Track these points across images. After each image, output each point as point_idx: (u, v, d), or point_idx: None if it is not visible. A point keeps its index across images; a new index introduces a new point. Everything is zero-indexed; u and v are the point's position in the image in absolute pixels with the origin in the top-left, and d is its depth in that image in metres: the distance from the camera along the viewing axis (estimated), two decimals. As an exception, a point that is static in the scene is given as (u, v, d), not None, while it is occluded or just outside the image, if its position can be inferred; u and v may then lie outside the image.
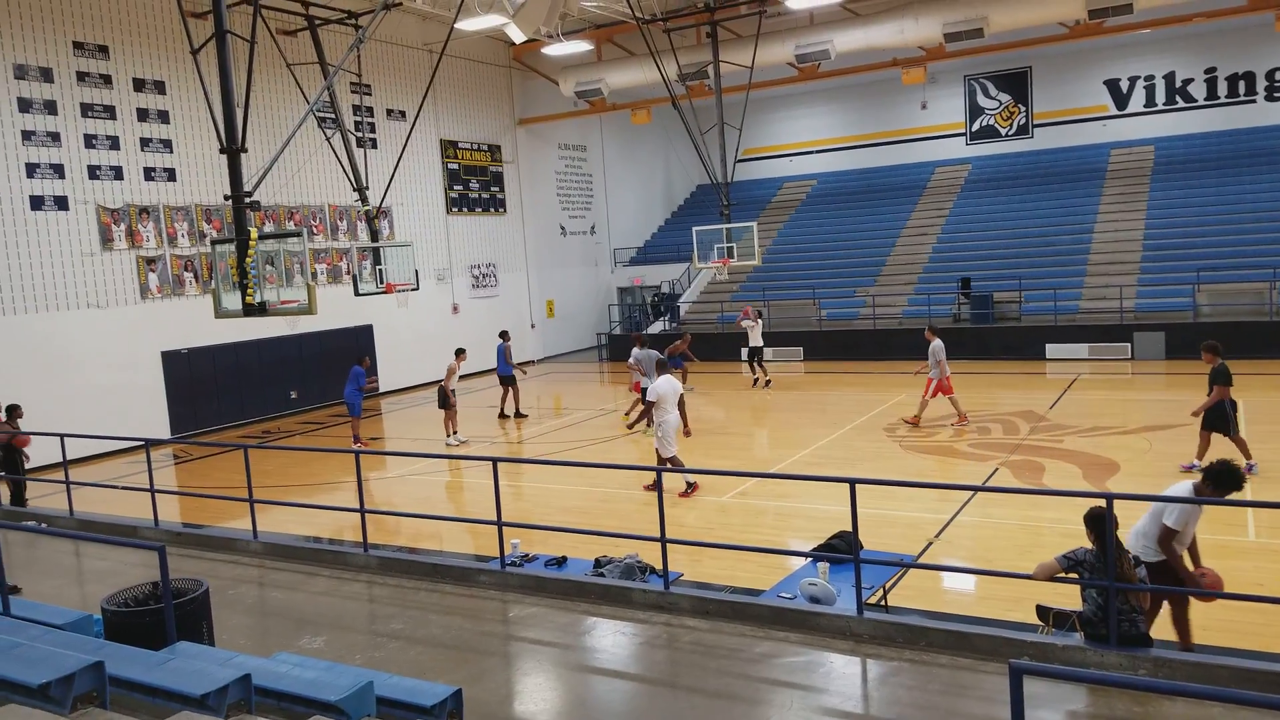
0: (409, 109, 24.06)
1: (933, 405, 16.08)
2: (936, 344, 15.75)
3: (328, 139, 18.84)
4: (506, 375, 19.04)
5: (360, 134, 22.31)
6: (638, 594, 7.83)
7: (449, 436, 17.28)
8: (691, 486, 12.43)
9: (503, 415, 19.28)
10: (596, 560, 8.97)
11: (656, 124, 31.32)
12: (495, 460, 8.78)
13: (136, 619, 6.01)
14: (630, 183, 34.56)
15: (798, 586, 7.84)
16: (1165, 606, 6.62)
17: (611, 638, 7.30)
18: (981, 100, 32.09)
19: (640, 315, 32.04)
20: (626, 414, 17.30)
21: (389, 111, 24.18)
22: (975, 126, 32.35)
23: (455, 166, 26.41)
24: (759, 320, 21.92)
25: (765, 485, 12.55)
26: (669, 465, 12.04)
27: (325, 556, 9.65)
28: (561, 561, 9.36)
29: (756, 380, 21.48)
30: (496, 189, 28.05)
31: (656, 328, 29.40)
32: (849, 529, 7.32)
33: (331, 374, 22.49)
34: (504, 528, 8.66)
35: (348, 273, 22.48)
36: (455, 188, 26.41)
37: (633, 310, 32.77)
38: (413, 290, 18.70)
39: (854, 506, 7.09)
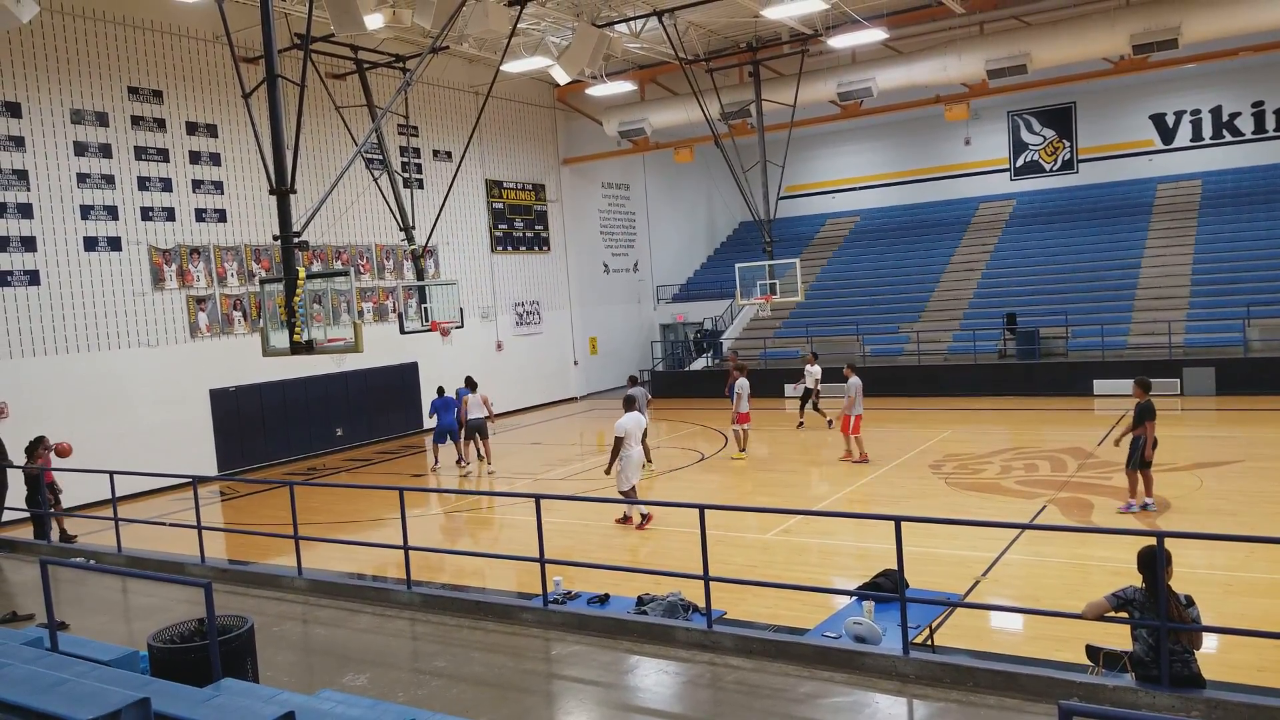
0: (455, 149, 24.52)
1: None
2: (853, 381, 16.46)
3: (375, 180, 19.26)
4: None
5: (407, 174, 22.77)
6: (680, 632, 7.76)
7: (489, 464, 17.86)
8: (645, 518, 13.04)
9: (462, 461, 18.44)
10: (639, 598, 8.91)
11: (699, 162, 31.56)
12: (539, 496, 8.80)
13: (182, 655, 6.07)
14: (673, 220, 34.80)
15: (843, 625, 7.73)
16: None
17: (654, 676, 7.23)
18: (1025, 136, 31.91)
19: (683, 352, 32.07)
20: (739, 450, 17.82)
21: (435, 152, 24.66)
22: (1019, 162, 32.15)
23: (500, 206, 26.81)
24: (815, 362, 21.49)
25: (809, 523, 12.43)
26: (626, 497, 12.65)
27: (369, 593, 9.70)
28: (604, 599, 9.29)
29: (801, 424, 21.14)
30: (540, 227, 28.39)
31: (700, 364, 29.37)
32: (894, 567, 7.22)
33: (378, 411, 22.81)
34: (546, 565, 8.65)
35: (394, 311, 22.82)
36: (500, 226, 26.79)
37: (675, 347, 32.82)
38: (457, 328, 18.91)
39: (899, 544, 7.01)
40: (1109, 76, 23.98)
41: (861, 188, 34.99)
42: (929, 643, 7.78)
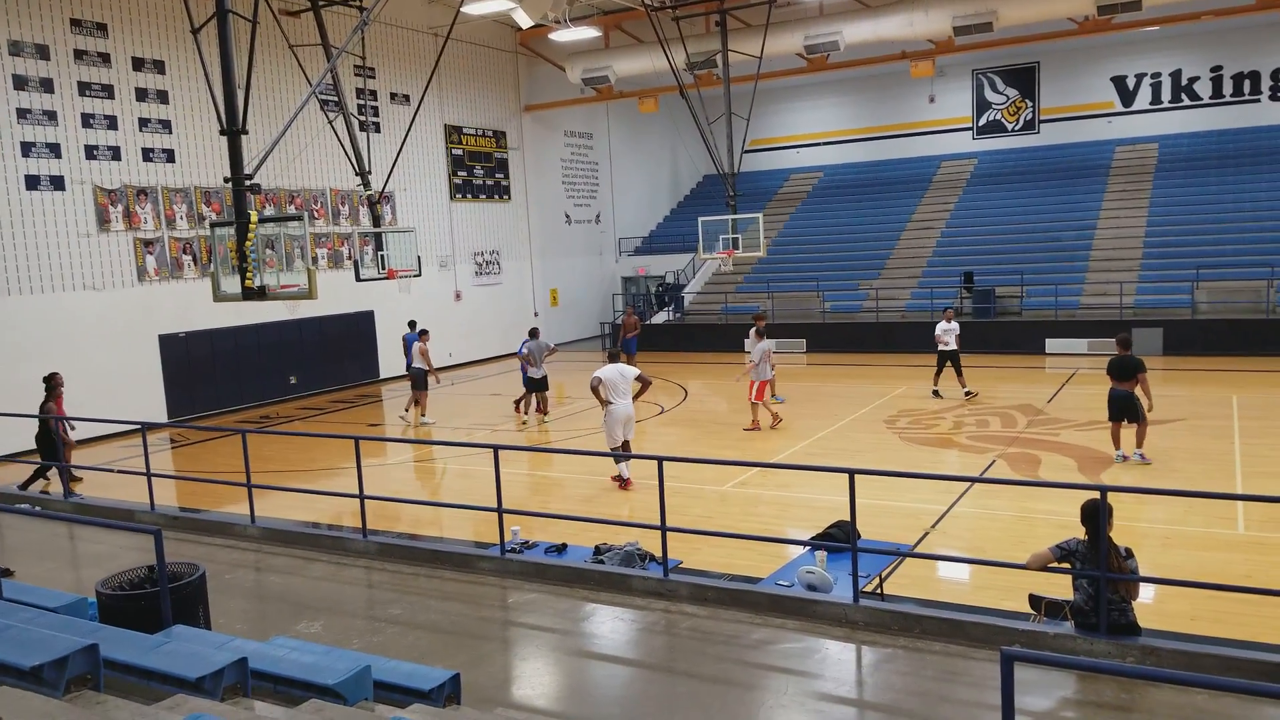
0: (413, 93, 23.99)
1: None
2: (764, 344, 15.79)
3: (330, 122, 18.77)
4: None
5: (363, 118, 22.26)
6: (637, 581, 7.85)
7: (423, 417, 17.76)
8: (627, 481, 12.39)
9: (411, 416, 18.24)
10: (596, 548, 8.98)
11: (664, 113, 31.23)
12: (497, 447, 8.78)
13: (131, 603, 5.99)
14: (636, 172, 34.50)
15: (795, 575, 7.87)
16: None
17: (610, 624, 7.32)
18: (989, 95, 31.99)
19: (645, 305, 32.02)
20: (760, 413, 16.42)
21: (393, 95, 24.11)
22: (982, 121, 32.26)
23: (459, 152, 26.36)
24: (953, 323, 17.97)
25: (766, 475, 12.57)
26: (620, 452, 12.13)
27: (324, 542, 9.66)
28: (562, 548, 9.36)
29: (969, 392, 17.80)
30: (501, 175, 27.99)
31: (661, 317, 29.38)
32: (847, 518, 7.34)
33: (333, 359, 22.53)
34: (504, 515, 8.66)
35: (349, 258, 22.46)
36: (459, 174, 26.36)
37: (637, 300, 32.76)
38: (415, 277, 18.66)
39: (852, 496, 7.11)
40: (1073, 37, 24.05)
41: (826, 143, 34.91)
42: (879, 591, 7.95)
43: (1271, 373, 18.78)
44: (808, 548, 8.84)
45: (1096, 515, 6.26)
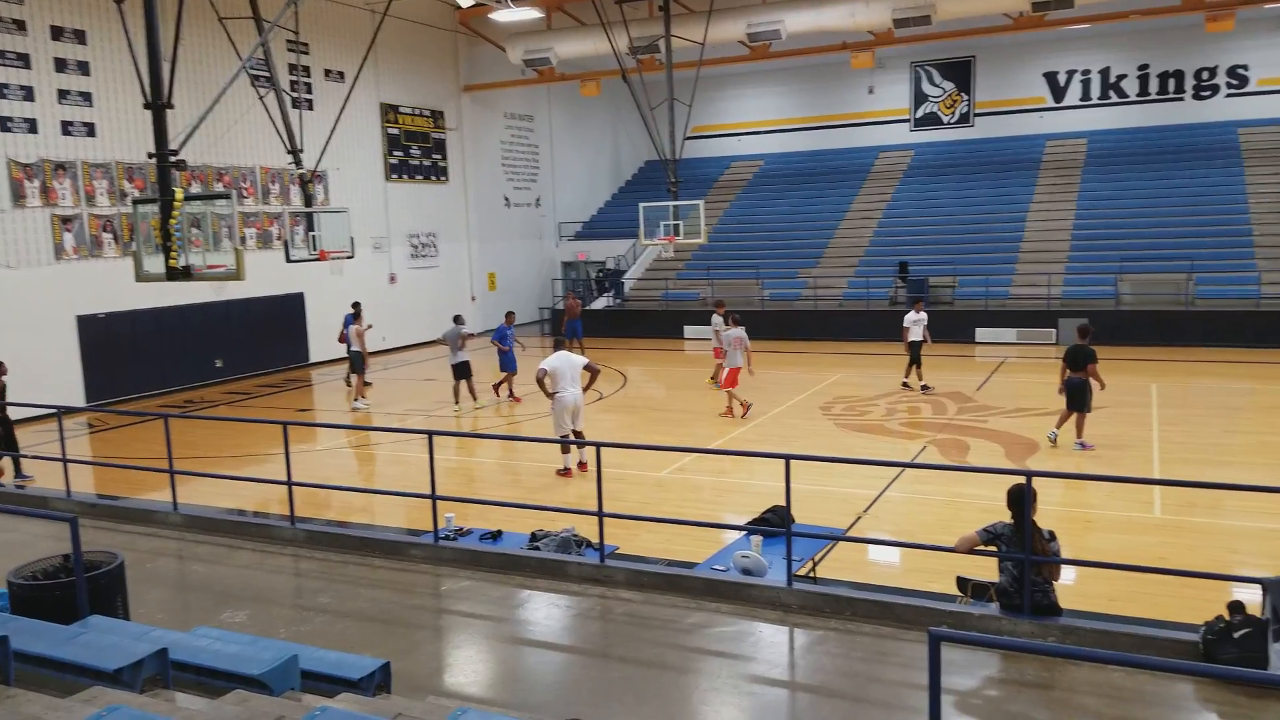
0: (348, 70, 23.45)
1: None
2: (734, 331, 15.80)
3: (260, 98, 18.25)
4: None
5: (296, 94, 21.68)
6: (573, 567, 7.82)
7: (356, 400, 17.59)
8: (567, 470, 12.28)
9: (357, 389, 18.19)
10: (533, 534, 8.92)
11: (605, 97, 31.05)
12: (431, 433, 8.66)
13: (45, 593, 5.78)
14: (577, 155, 34.27)
15: (731, 559, 7.92)
16: None
17: (545, 610, 7.28)
18: (926, 87, 32.48)
19: (585, 290, 31.88)
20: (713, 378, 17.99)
21: (327, 72, 23.54)
22: (919, 113, 32.74)
23: (396, 132, 25.87)
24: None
25: (703, 461, 12.63)
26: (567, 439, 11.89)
27: (249, 529, 9.44)
28: (497, 535, 9.27)
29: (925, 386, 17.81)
30: (438, 156, 27.56)
31: (601, 303, 29.30)
32: (783, 503, 7.40)
33: (261, 342, 21.99)
34: (438, 501, 8.55)
35: (279, 238, 21.92)
36: (395, 153, 25.89)
37: (577, 285, 32.60)
38: (348, 258, 18.28)
39: (788, 482, 7.18)
40: (1007, 32, 24.52)
41: (767, 131, 35.10)
42: (812, 575, 8.04)
43: (1189, 362, 19.47)
44: (743, 532, 8.91)
45: (1022, 499, 6.42)
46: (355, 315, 18.16)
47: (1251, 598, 6.14)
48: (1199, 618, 6.14)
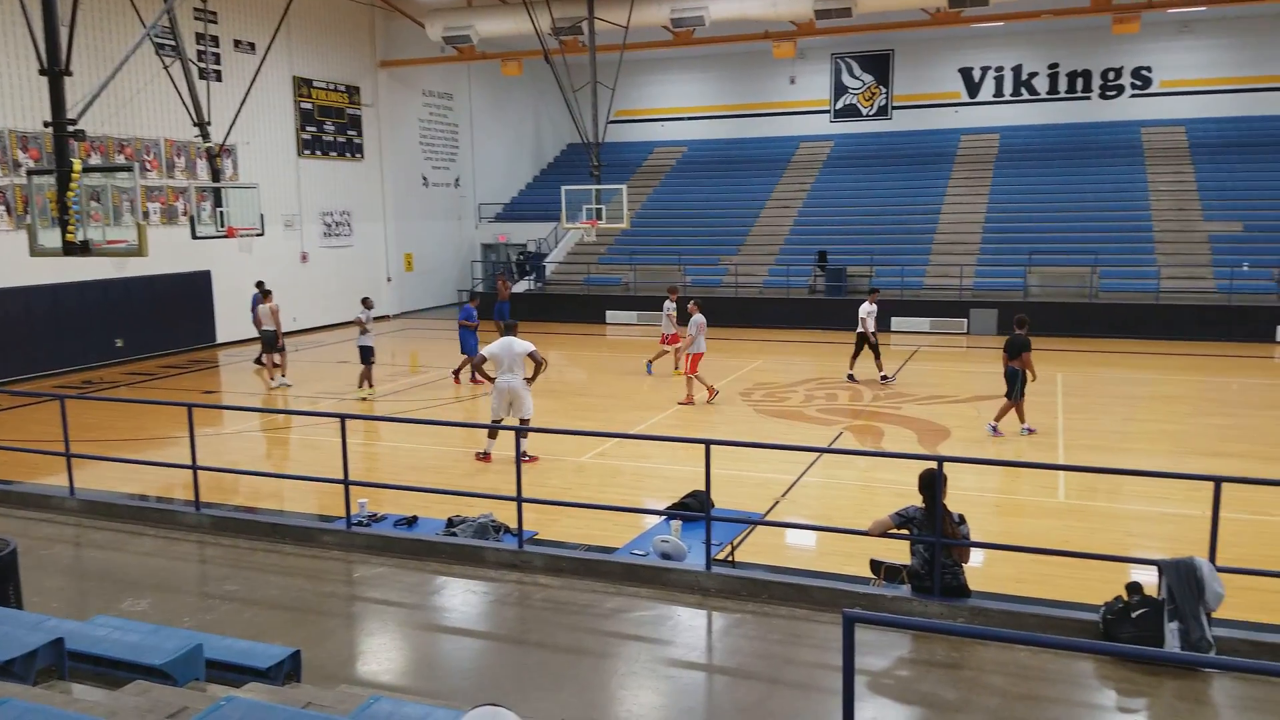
0: (259, 41, 22.64)
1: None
2: (697, 318, 15.83)
3: (166, 67, 17.48)
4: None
5: (203, 65, 20.83)
6: (490, 553, 7.73)
7: (275, 379, 17.27)
8: (487, 456, 12.12)
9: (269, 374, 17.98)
10: (449, 520, 8.79)
11: (528, 77, 30.67)
12: (344, 416, 8.44)
13: (-71, 580, 5.47)
14: (498, 136, 33.80)
15: (650, 544, 7.93)
16: None
17: (462, 596, 7.18)
18: (846, 79, 32.95)
19: (505, 273, 31.51)
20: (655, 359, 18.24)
21: (237, 43, 22.69)
22: (839, 105, 33.22)
23: (309, 106, 25.11)
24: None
25: (623, 446, 12.62)
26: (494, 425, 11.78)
27: (152, 515, 9.09)
28: (412, 521, 9.12)
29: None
30: (354, 133, 26.85)
31: (522, 287, 29.02)
32: (703, 488, 7.43)
33: (165, 322, 21.16)
34: (351, 486, 8.35)
35: (184, 213, 21.07)
36: (308, 129, 25.13)
37: (497, 268, 32.21)
38: (257, 235, 17.69)
39: (708, 467, 7.21)
40: (925, 27, 25.00)
41: (690, 118, 35.19)
42: (730, 559, 8.11)
43: (1092, 353, 20.26)
44: (663, 517, 8.93)
45: (933, 484, 6.57)
46: (263, 294, 17.69)
47: (1148, 579, 6.41)
48: (1099, 598, 6.39)
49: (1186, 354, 19.81)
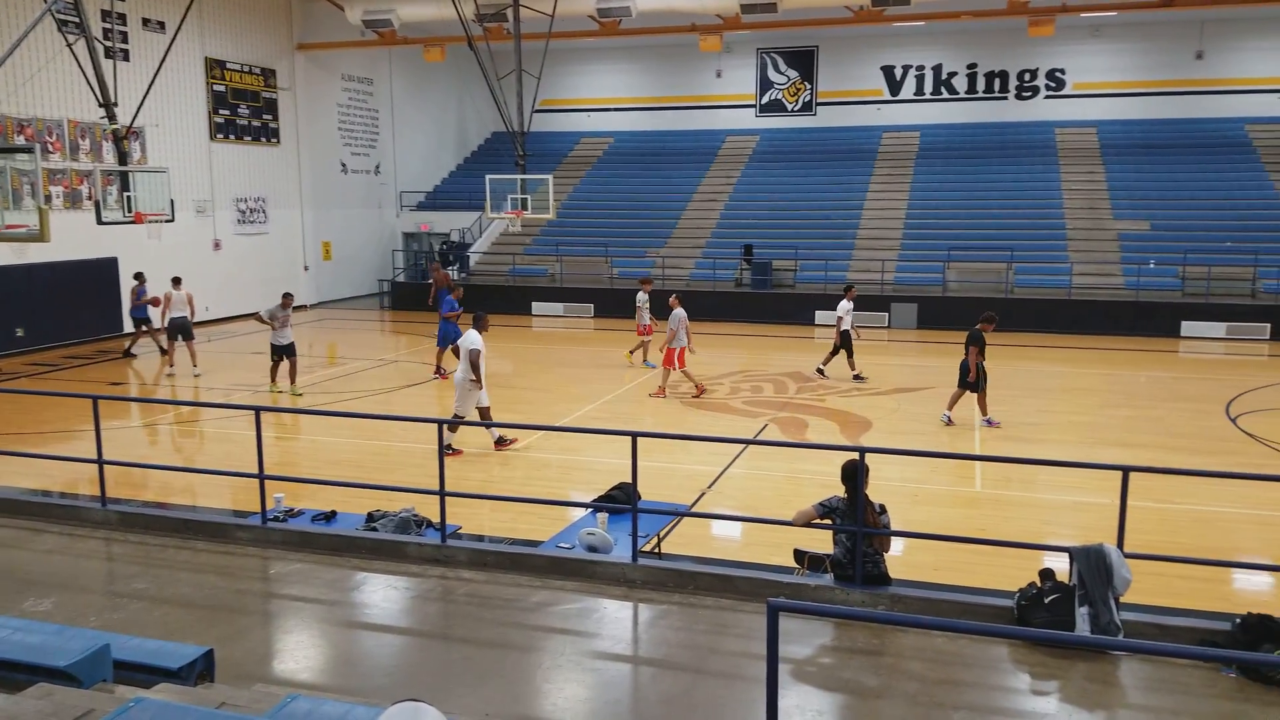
0: (169, 20, 21.81)
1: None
2: (678, 312, 15.74)
3: (69, 45, 16.69)
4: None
5: (109, 43, 19.96)
6: (412, 548, 7.59)
7: (194, 368, 16.98)
8: (455, 450, 11.87)
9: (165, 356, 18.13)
10: (369, 514, 8.61)
11: (451, 64, 30.17)
12: (258, 409, 8.18)
13: None
14: (420, 123, 33.20)
15: (576, 537, 7.89)
16: None
17: (383, 592, 7.04)
18: (772, 74, 33.25)
19: (427, 263, 31.01)
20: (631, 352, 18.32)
21: (145, 21, 21.79)
22: (765, 99, 33.51)
23: (222, 89, 24.28)
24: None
25: (550, 439, 12.53)
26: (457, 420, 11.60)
27: (55, 511, 8.71)
28: (330, 516, 8.93)
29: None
30: (269, 117, 26.07)
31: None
32: (629, 480, 7.41)
33: (69, 310, 20.25)
34: (266, 481, 8.10)
35: (89, 198, 20.18)
36: (221, 112, 24.30)
37: (419, 258, 31.68)
38: (167, 221, 17.04)
39: (634, 459, 7.19)
40: (849, 25, 25.37)
41: (616, 109, 35.09)
42: (657, 551, 8.11)
43: (1008, 346, 20.83)
44: (589, 510, 8.90)
45: (855, 474, 6.67)
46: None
47: (1060, 565, 6.61)
48: (1014, 585, 6.57)
49: (1096, 348, 20.56)
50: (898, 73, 32.10)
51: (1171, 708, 5.34)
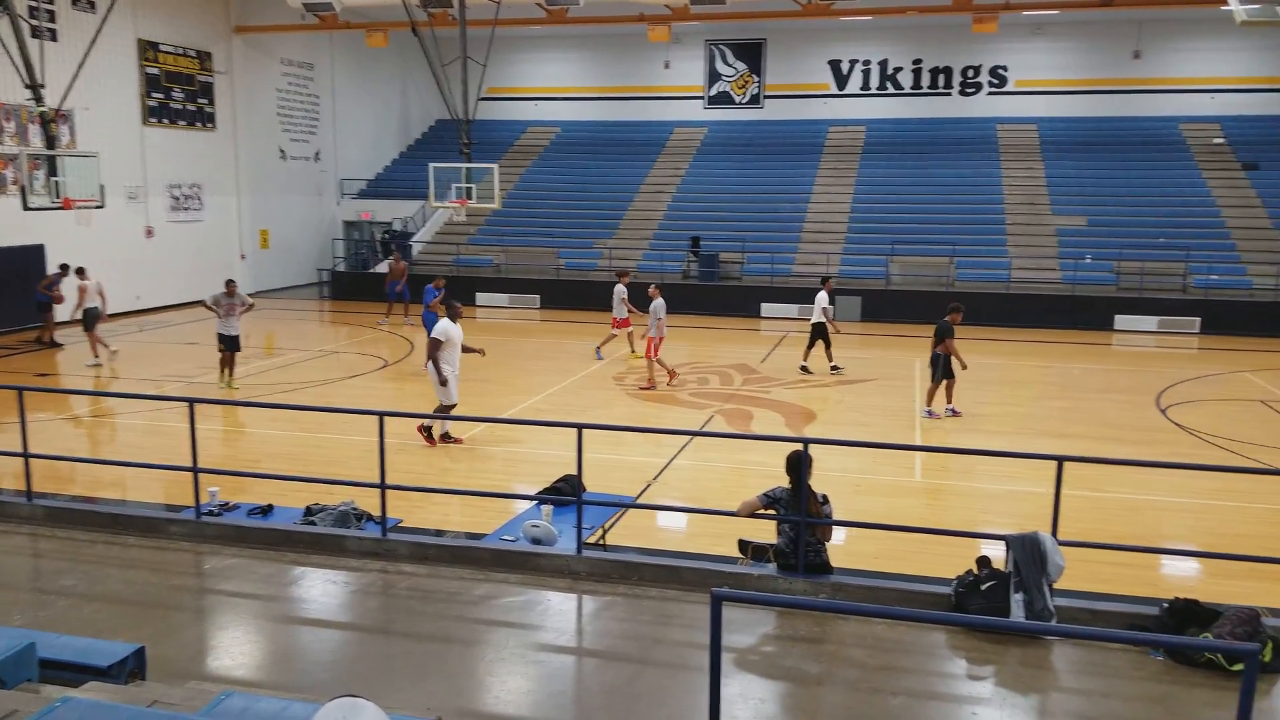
0: (100, -1, 21.11)
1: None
2: (658, 302, 15.86)
3: (-7, 22, 16.09)
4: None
5: (36, 22, 19.27)
6: (351, 541, 7.46)
7: (98, 356, 16.46)
8: (455, 439, 11.86)
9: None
10: (308, 508, 8.46)
11: (394, 49, 29.69)
12: (192, 400, 7.97)
13: None
14: (362, 109, 32.61)
15: (520, 529, 7.83)
16: None
17: (321, 587, 6.90)
18: (720, 66, 33.31)
19: (369, 252, 30.53)
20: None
21: (74, 0, 21.05)
22: (713, 91, 33.56)
23: (155, 71, 23.58)
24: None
25: (495, 430, 12.43)
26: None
27: (-24, 506, 8.36)
28: (267, 510, 8.76)
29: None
30: (205, 101, 25.40)
31: (386, 267, 28.17)
32: (575, 473, 7.37)
33: (-7, 296, 19.56)
34: (200, 474, 7.89)
35: (15, 183, 19.46)
36: (155, 95, 23.61)
37: (360, 247, 31.17)
38: (97, 208, 16.53)
39: (580, 451, 7.15)
40: (797, 18, 25.52)
41: (564, 98, 34.86)
42: (602, 542, 8.09)
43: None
44: (534, 502, 8.84)
45: (799, 465, 6.72)
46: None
47: (997, 553, 6.74)
48: (951, 572, 6.68)
49: (1033, 340, 21.02)
50: (844, 67, 32.39)
51: (1102, 690, 5.48)
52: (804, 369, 16.86)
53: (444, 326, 11.70)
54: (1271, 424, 13.38)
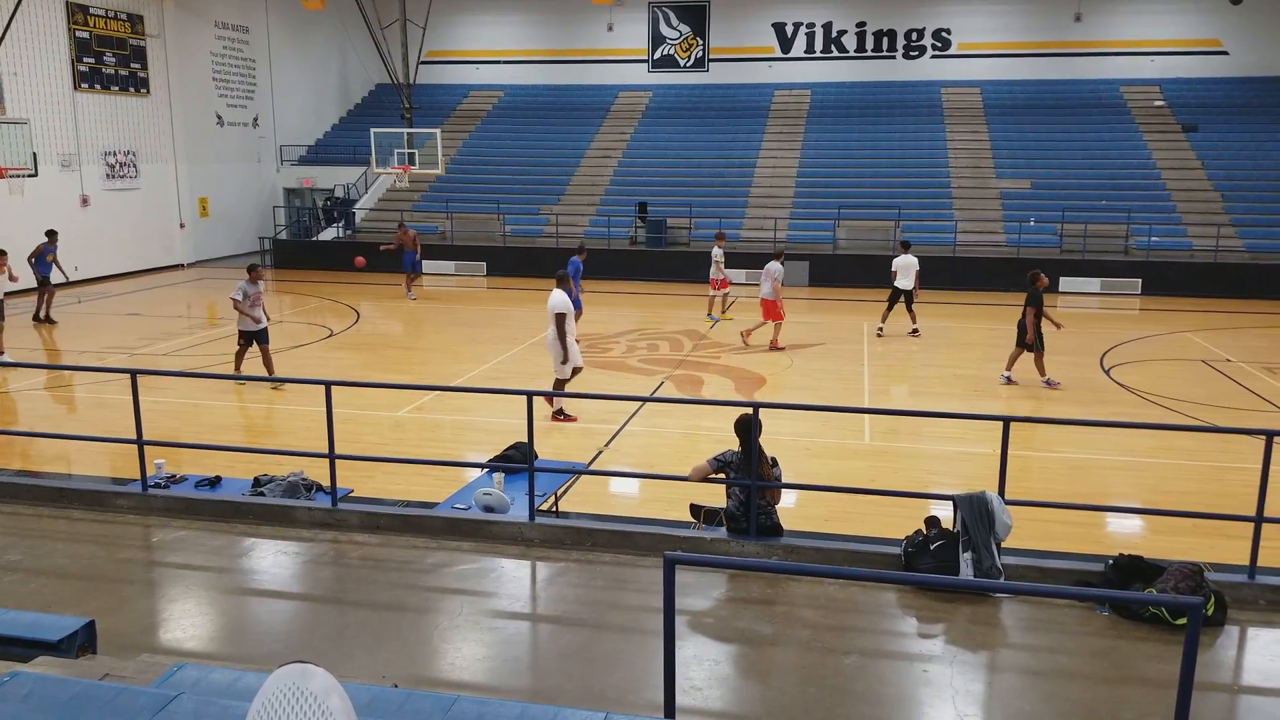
0: (23, -43, 20.18)
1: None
2: (774, 265, 16.03)
3: (-93, -20, 15.35)
4: (45, 277, 17.42)
5: (-46, -21, 18.41)
6: (302, 512, 7.39)
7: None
8: (569, 417, 11.47)
9: (38, 319, 17.62)
10: (256, 479, 8.35)
11: (332, 11, 28.93)
12: (134, 371, 7.78)
13: None
14: (301, 74, 31.76)
15: (472, 497, 7.83)
16: None
17: (272, 558, 6.84)
18: (664, 29, 33.03)
19: (311, 220, 29.92)
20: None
21: (-5, -43, 20.13)
22: (657, 55, 33.30)
23: (85, 35, 22.69)
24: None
25: (444, 399, 12.34)
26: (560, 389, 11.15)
27: (-89, 483, 8.11)
28: (215, 482, 8.64)
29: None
30: (138, 65, 24.53)
31: (329, 234, 27.65)
32: (525, 440, 7.37)
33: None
34: (145, 446, 7.74)
35: (-61, 149, 18.68)
36: (85, 60, 22.74)
37: (301, 214, 30.52)
38: (29, 176, 15.95)
39: (530, 418, 7.15)
40: (740, -20, 25.40)
41: (506, 61, 34.30)
42: (554, 509, 8.11)
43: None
44: (485, 470, 8.83)
45: (749, 429, 6.79)
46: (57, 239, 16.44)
47: (945, 513, 6.90)
48: (901, 533, 6.83)
49: (979, 303, 21.39)
50: (789, 30, 32.32)
51: (1049, 645, 5.66)
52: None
53: (566, 299, 11.40)
54: (1212, 383, 13.80)
